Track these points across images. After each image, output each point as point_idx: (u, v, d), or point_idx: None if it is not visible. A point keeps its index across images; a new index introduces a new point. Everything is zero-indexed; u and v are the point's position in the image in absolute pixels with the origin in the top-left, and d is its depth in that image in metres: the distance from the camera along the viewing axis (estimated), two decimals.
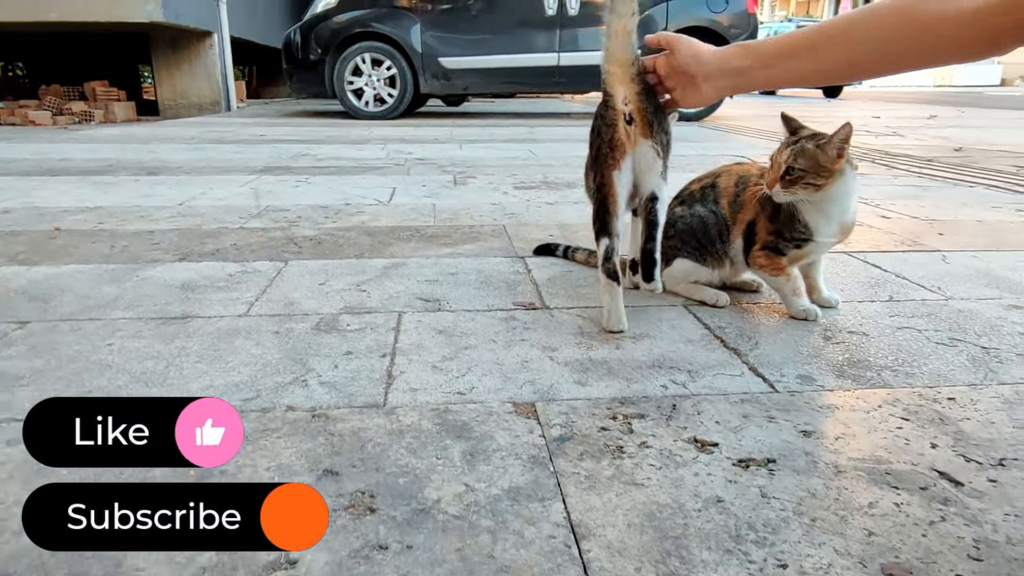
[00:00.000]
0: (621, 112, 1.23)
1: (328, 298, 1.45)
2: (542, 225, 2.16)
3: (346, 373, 1.09)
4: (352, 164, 3.54)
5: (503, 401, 1.00)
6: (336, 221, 2.20)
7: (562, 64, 6.50)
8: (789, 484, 0.80)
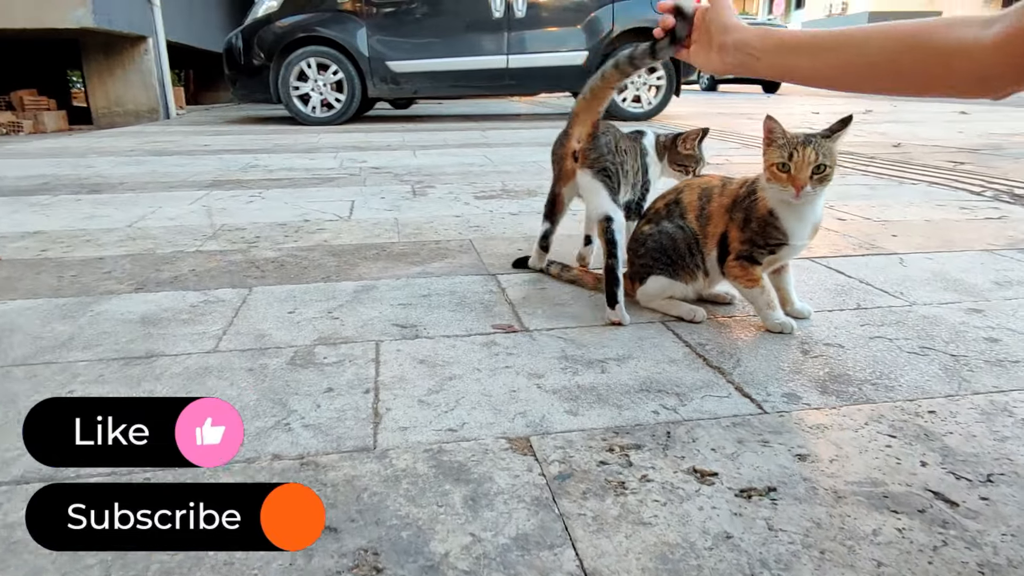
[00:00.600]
0: (572, 148, 1.58)
1: (300, 328, 1.40)
2: (509, 238, 2.14)
3: (330, 413, 1.05)
4: (306, 175, 3.45)
5: (497, 437, 0.98)
6: (297, 240, 2.14)
7: (511, 67, 6.50)
8: (793, 514, 0.81)
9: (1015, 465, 0.91)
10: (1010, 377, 1.16)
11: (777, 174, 1.24)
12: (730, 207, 1.38)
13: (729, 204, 1.39)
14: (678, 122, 6.45)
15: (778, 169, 1.23)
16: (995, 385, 1.14)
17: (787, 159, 1.22)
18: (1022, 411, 1.05)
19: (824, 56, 0.90)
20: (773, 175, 1.25)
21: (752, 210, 1.34)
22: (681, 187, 1.49)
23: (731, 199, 1.39)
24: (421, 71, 6.40)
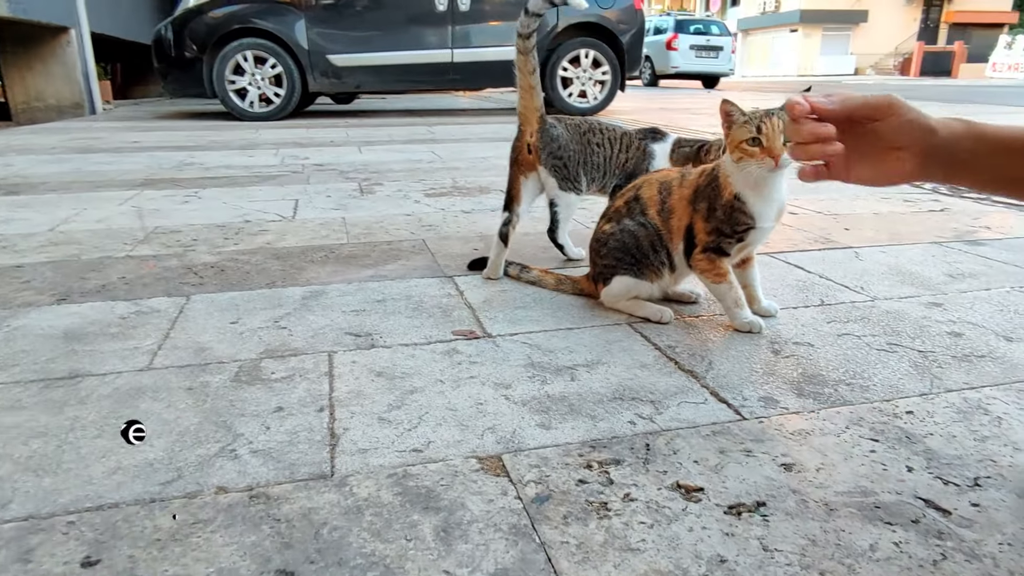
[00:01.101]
0: (525, 142, 1.70)
1: (244, 340, 1.30)
2: (463, 237, 2.06)
3: (281, 436, 0.96)
4: (245, 173, 3.29)
5: (466, 456, 0.91)
6: (238, 243, 2.01)
7: (456, 61, 6.40)
8: (787, 531, 0.76)
9: (999, 467, 0.88)
10: (979, 373, 1.16)
11: (749, 150, 1.19)
12: (692, 198, 1.35)
13: (691, 195, 1.35)
14: (624, 117, 6.47)
15: (749, 145, 1.19)
16: (966, 382, 1.13)
17: (756, 133, 1.18)
18: (997, 408, 1.03)
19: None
20: (745, 152, 1.20)
21: (716, 197, 1.30)
22: (640, 183, 1.45)
23: (692, 190, 1.35)
24: (364, 65, 6.24)
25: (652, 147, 1.78)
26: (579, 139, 1.74)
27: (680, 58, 15.33)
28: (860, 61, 32.44)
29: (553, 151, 1.68)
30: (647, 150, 1.78)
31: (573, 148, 1.72)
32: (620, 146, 1.79)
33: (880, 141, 0.78)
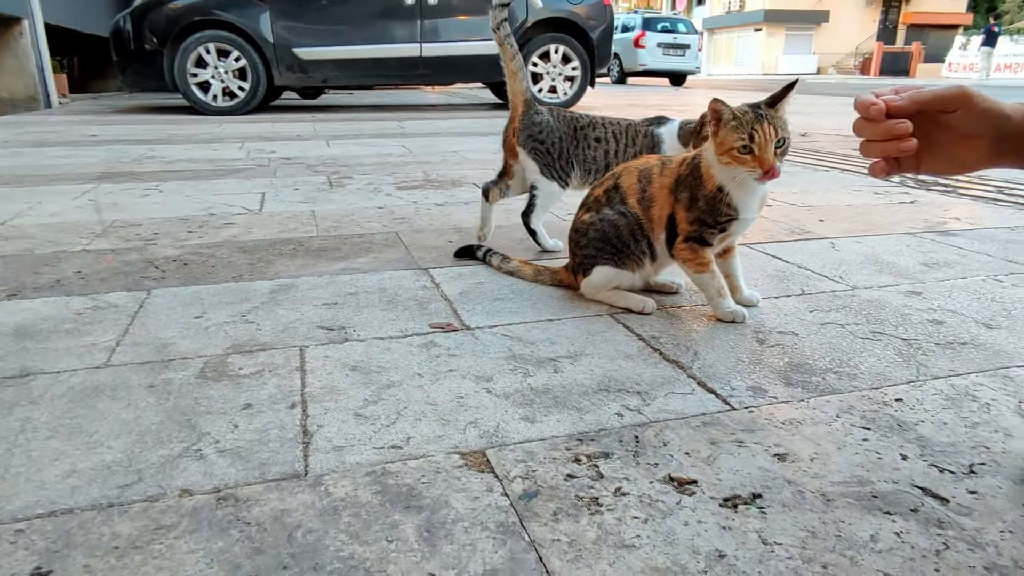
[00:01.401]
0: (512, 126, 1.74)
1: (209, 335, 1.23)
2: (437, 230, 2.01)
3: (251, 434, 0.90)
4: (209, 167, 3.19)
5: (448, 452, 0.87)
6: (202, 236, 1.93)
7: (425, 55, 6.32)
8: (785, 524, 0.73)
9: (992, 453, 0.87)
10: (963, 360, 1.15)
11: (740, 157, 1.17)
12: (673, 187, 1.32)
13: (672, 184, 1.32)
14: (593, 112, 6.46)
15: (740, 152, 1.16)
16: (952, 368, 1.11)
17: (749, 141, 1.15)
18: (984, 395, 1.02)
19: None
20: (735, 159, 1.17)
21: (698, 188, 1.27)
22: (619, 171, 1.42)
23: (673, 178, 1.32)
24: (331, 59, 6.12)
25: (659, 132, 1.76)
26: (572, 132, 1.73)
27: (648, 56, 15.41)
28: (822, 60, 33.05)
29: (533, 134, 1.70)
30: (655, 136, 1.76)
31: (560, 138, 1.71)
32: (626, 140, 1.75)
33: (953, 132, 0.77)
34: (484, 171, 3.10)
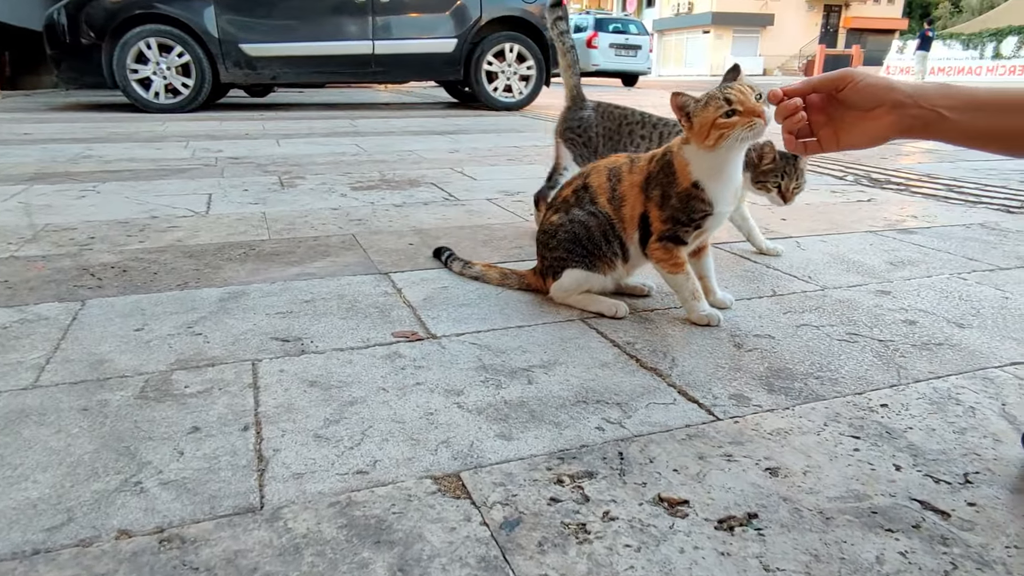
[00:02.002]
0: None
1: (151, 349, 1.13)
2: (396, 231, 1.93)
3: (198, 462, 0.81)
4: (151, 167, 3.03)
5: (419, 477, 0.80)
6: (143, 240, 1.81)
7: (378, 53, 6.19)
8: (786, 546, 0.69)
9: (985, 461, 0.84)
10: (941, 361, 1.13)
11: (727, 122, 1.11)
12: (644, 185, 1.27)
13: (642, 182, 1.27)
14: (550, 112, 6.43)
15: (725, 118, 1.11)
16: (931, 371, 1.09)
17: (728, 104, 1.11)
18: (967, 398, 1.00)
19: (1016, 119, 0.76)
20: (724, 127, 1.11)
21: (670, 185, 1.23)
22: (588, 171, 1.36)
23: (643, 176, 1.28)
24: (280, 55, 5.94)
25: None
26: (616, 127, 1.76)
27: (600, 56, 15.49)
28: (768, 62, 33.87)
29: (572, 127, 1.80)
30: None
31: (598, 133, 1.77)
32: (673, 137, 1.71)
33: (852, 108, 0.86)
34: (442, 171, 3.02)
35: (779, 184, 1.54)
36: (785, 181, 1.53)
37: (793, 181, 1.54)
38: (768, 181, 1.54)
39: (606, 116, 1.78)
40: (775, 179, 1.53)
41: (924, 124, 0.81)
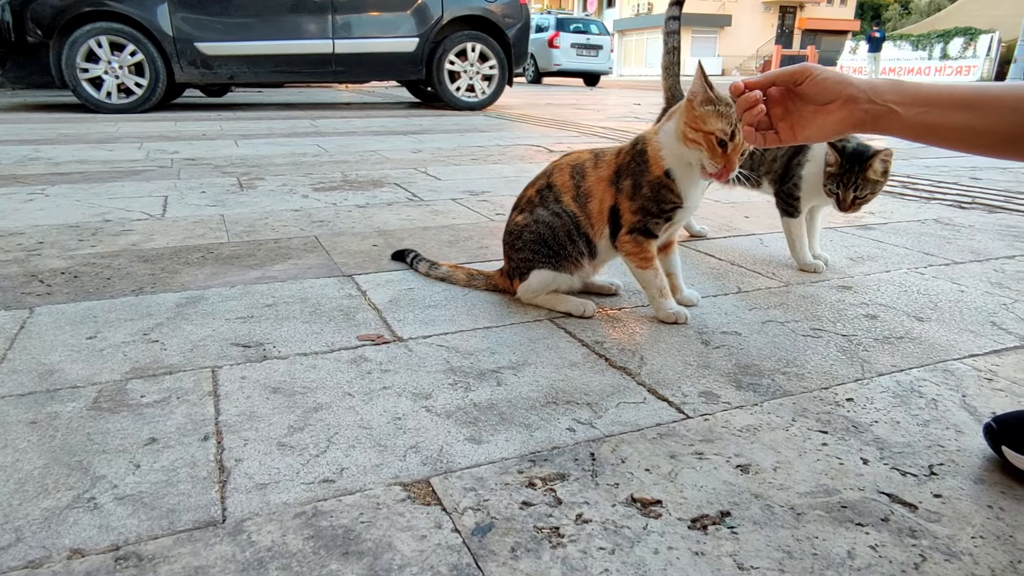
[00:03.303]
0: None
1: (105, 358, 1.09)
2: (360, 233, 1.90)
3: (156, 475, 0.78)
4: (103, 168, 2.93)
5: (388, 484, 0.78)
6: (95, 245, 1.74)
7: (338, 52, 6.10)
8: (759, 544, 0.68)
9: (949, 452, 0.86)
10: (903, 355, 1.15)
11: (711, 144, 1.10)
12: (613, 178, 1.26)
13: (611, 175, 1.27)
14: (514, 112, 6.43)
15: (715, 140, 1.10)
16: (893, 364, 1.11)
17: (729, 139, 1.09)
18: (929, 390, 1.02)
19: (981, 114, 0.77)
20: (705, 144, 1.11)
21: (642, 174, 1.23)
22: (550, 169, 1.35)
23: (612, 169, 1.27)
24: (237, 54, 5.81)
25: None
26: None
27: (562, 56, 15.54)
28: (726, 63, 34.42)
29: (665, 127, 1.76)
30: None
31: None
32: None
33: (809, 101, 0.88)
34: (405, 171, 2.99)
35: (837, 193, 1.46)
36: (841, 190, 1.45)
37: (851, 192, 1.44)
38: (828, 185, 1.48)
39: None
40: (831, 185, 1.47)
41: (875, 119, 0.83)
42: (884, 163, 1.43)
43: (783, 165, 1.60)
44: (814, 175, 1.52)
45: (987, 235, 1.98)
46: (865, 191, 1.44)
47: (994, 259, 1.73)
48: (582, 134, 4.65)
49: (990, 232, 2.01)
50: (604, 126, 5.20)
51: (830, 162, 1.46)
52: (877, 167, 1.42)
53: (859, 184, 1.43)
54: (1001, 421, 0.83)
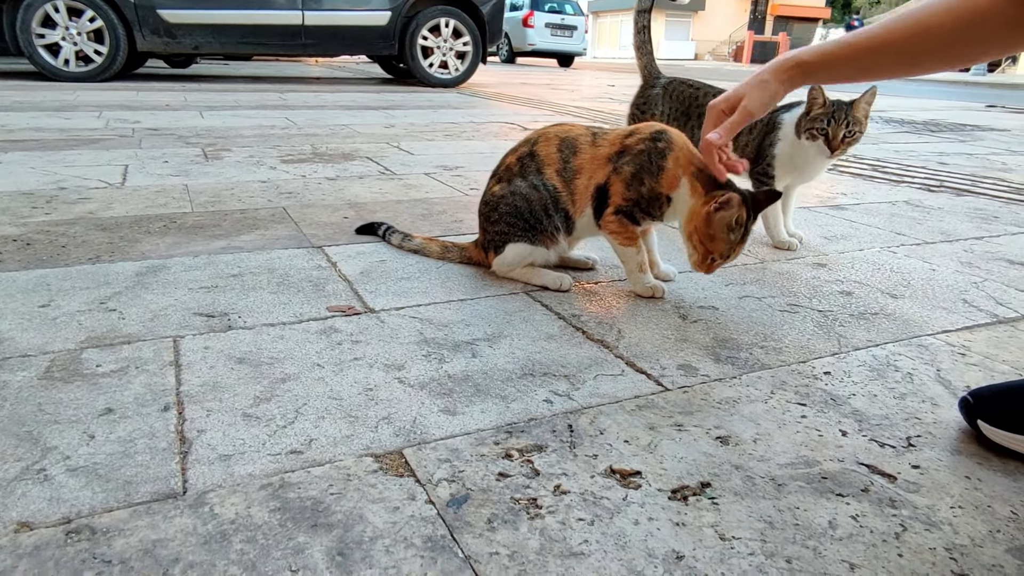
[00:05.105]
0: None
1: (58, 327, 1.03)
2: (330, 205, 1.85)
3: (111, 446, 0.74)
4: (60, 136, 2.82)
5: (359, 455, 0.75)
6: (50, 212, 1.67)
7: (308, 24, 5.94)
8: (740, 515, 0.67)
9: (925, 424, 0.85)
10: (878, 330, 1.15)
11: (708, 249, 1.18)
12: (615, 157, 1.21)
13: (613, 154, 1.22)
14: (487, 90, 6.35)
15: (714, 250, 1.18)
16: (869, 339, 1.11)
17: (728, 249, 1.18)
18: (904, 364, 1.02)
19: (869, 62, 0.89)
20: (705, 244, 1.18)
21: (649, 176, 1.19)
22: (535, 137, 1.30)
23: (615, 149, 1.22)
24: (202, 23, 5.62)
25: (782, 117, 1.54)
26: (684, 108, 1.68)
27: (536, 36, 15.41)
28: (699, 47, 34.54)
29: (637, 103, 1.77)
30: (775, 122, 1.54)
31: (664, 111, 1.71)
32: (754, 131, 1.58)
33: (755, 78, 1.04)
34: (377, 145, 2.92)
35: (827, 131, 1.43)
36: (832, 126, 1.42)
37: (842, 127, 1.42)
38: (816, 126, 1.44)
39: (674, 96, 1.70)
40: (820, 125, 1.43)
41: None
42: (867, 104, 1.44)
43: (756, 147, 1.59)
44: (787, 153, 1.52)
45: (956, 217, 2.00)
46: (854, 128, 1.44)
47: (963, 240, 1.75)
48: (557, 113, 4.61)
49: (959, 214, 2.04)
50: (579, 106, 5.16)
51: (817, 103, 1.44)
52: (863, 106, 1.44)
53: (849, 120, 1.43)
54: (977, 395, 0.83)
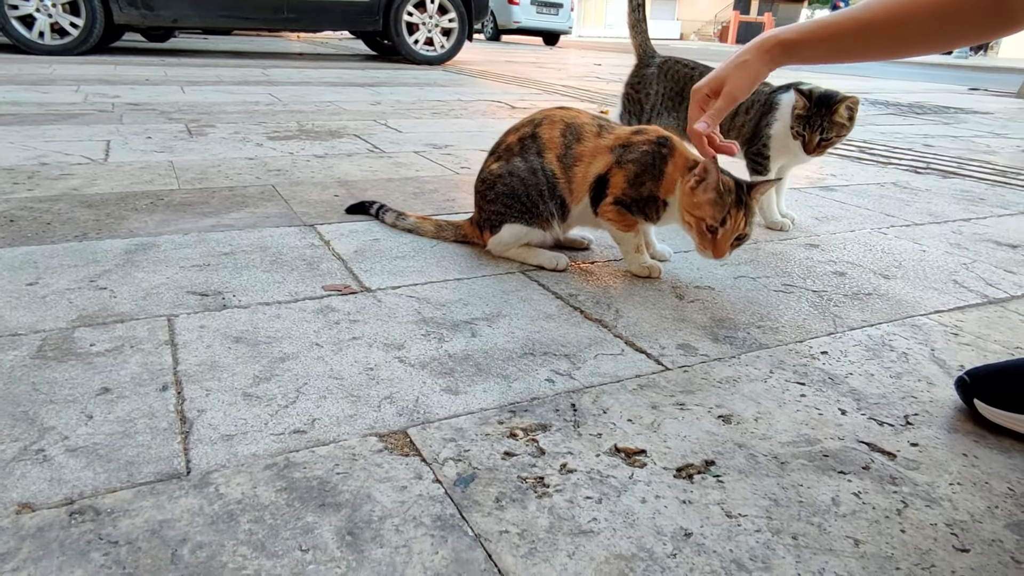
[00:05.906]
0: None
1: (48, 305, 1.01)
2: (320, 183, 1.82)
3: (111, 426, 0.73)
4: (38, 111, 2.75)
5: (363, 434, 0.74)
6: (32, 188, 1.63)
7: None
8: (745, 492, 0.68)
9: (922, 403, 0.87)
10: (872, 310, 1.16)
11: (701, 230, 1.15)
12: (620, 150, 1.20)
13: (618, 146, 1.20)
14: (474, 68, 6.29)
15: (705, 227, 1.14)
16: (864, 319, 1.12)
17: (719, 224, 1.13)
18: (899, 344, 1.03)
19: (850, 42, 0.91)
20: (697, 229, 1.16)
21: (650, 177, 1.19)
22: (539, 118, 1.28)
23: (621, 143, 1.21)
24: None
25: (780, 98, 1.53)
26: (679, 89, 1.67)
27: (522, 13, 15.24)
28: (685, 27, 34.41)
29: (631, 82, 1.75)
30: (772, 103, 1.54)
31: (656, 92, 1.70)
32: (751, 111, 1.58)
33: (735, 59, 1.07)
34: (364, 122, 2.89)
35: (803, 135, 1.45)
36: (808, 131, 1.44)
37: (817, 133, 1.43)
38: (796, 127, 1.46)
39: (669, 75, 1.68)
40: (799, 127, 1.45)
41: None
42: (849, 109, 1.44)
43: (752, 128, 1.58)
44: (782, 134, 1.52)
45: (943, 199, 2.02)
46: (831, 134, 1.45)
47: (951, 221, 1.77)
48: (544, 91, 4.57)
49: (946, 196, 2.06)
50: (566, 84, 5.12)
51: (798, 106, 1.45)
52: (843, 112, 1.43)
53: (825, 127, 1.44)
54: (973, 375, 0.84)
